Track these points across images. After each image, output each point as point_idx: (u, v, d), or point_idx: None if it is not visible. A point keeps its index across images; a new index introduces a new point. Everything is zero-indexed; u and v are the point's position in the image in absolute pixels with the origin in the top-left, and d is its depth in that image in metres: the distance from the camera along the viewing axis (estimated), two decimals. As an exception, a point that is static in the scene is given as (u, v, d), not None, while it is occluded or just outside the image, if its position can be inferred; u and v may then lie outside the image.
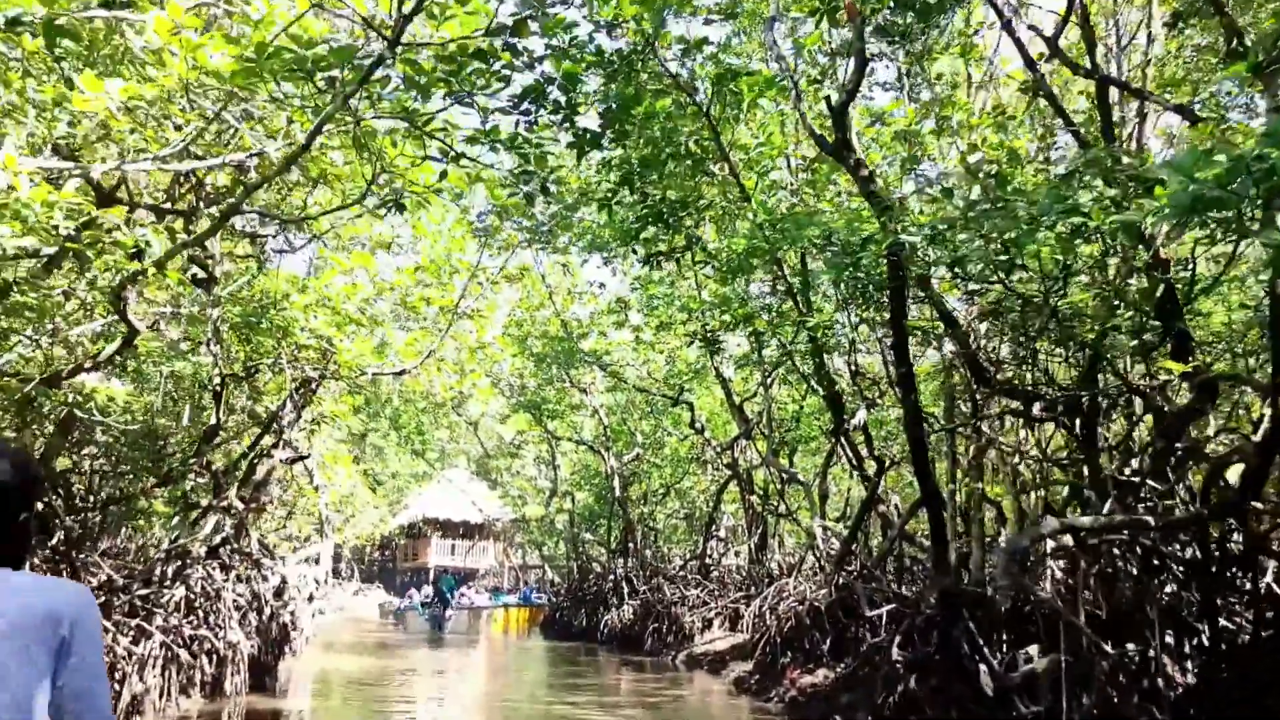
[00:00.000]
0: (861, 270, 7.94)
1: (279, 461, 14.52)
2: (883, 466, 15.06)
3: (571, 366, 25.45)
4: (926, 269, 7.71)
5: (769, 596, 20.78)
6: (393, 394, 26.89)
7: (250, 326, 12.73)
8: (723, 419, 28.71)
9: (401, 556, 52.61)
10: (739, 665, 18.51)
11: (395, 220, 13.68)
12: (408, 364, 14.85)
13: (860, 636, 14.37)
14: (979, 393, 10.61)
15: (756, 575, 24.08)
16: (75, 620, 2.03)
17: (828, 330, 12.53)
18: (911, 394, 9.23)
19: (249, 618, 14.32)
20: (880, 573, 16.50)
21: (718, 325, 12.69)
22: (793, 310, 13.46)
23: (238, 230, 12.04)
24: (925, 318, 11.27)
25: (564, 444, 33.88)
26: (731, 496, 32.64)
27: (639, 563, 28.99)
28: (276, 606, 16.14)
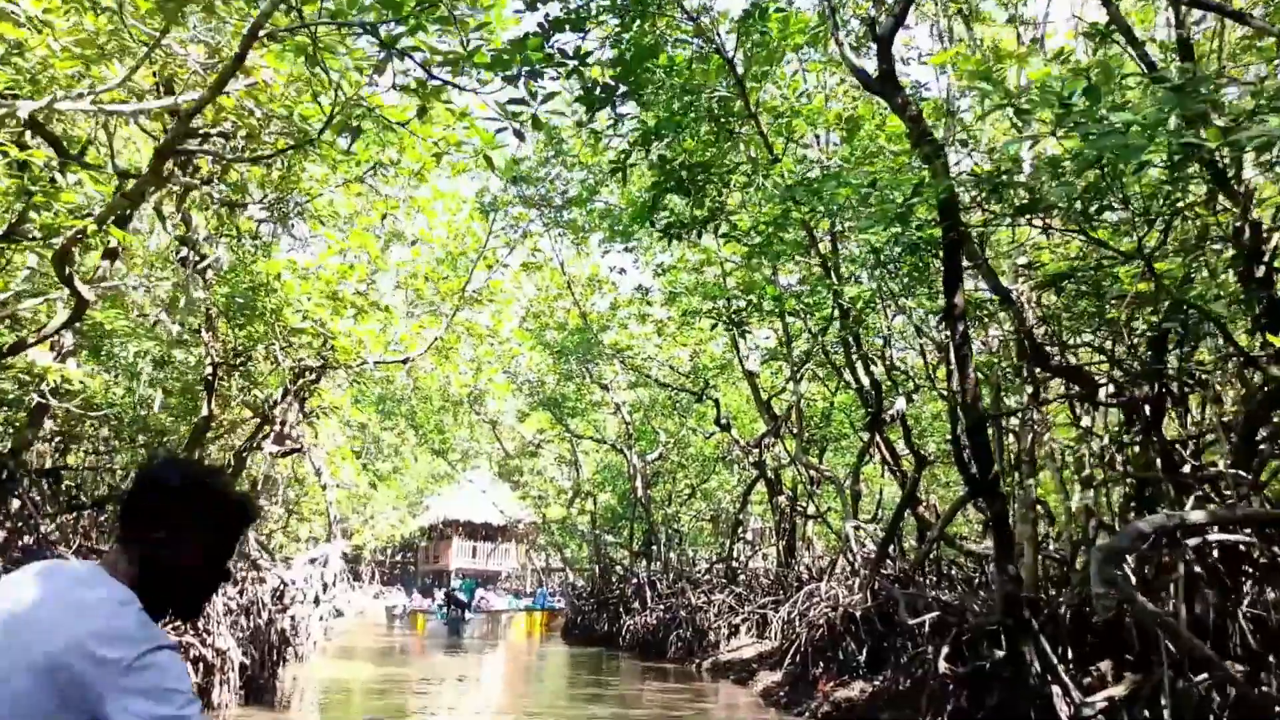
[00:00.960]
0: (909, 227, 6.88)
1: (268, 454, 13.57)
2: (922, 462, 13.94)
3: (591, 361, 24.43)
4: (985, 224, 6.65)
5: (799, 602, 19.71)
6: (407, 389, 25.99)
7: (239, 309, 11.84)
8: (749, 416, 27.65)
9: (423, 559, 51.80)
10: (767, 675, 17.42)
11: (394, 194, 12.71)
12: (412, 352, 13.89)
13: (900, 647, 13.26)
14: (1036, 375, 9.47)
15: (785, 579, 22.98)
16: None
17: (867, 307, 11.40)
18: (967, 368, 8.07)
19: (241, 623, 13.34)
20: (920, 577, 15.39)
21: (744, 307, 11.60)
22: (825, 289, 12.37)
23: (215, 200, 11.08)
24: (971, 294, 10.18)
25: (585, 443, 32.90)
26: (759, 497, 31.53)
27: (663, 566, 27.94)
28: (275, 611, 15.20)
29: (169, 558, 1.94)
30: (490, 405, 28.64)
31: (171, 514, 1.95)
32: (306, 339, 12.06)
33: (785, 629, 19.81)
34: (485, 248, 13.91)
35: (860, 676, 13.11)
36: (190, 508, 1.96)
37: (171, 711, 1.73)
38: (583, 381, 25.99)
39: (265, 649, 14.40)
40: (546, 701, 16.98)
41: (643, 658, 24.14)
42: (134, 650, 1.74)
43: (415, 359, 13.77)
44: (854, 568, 17.32)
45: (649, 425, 29.16)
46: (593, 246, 22.97)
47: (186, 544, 1.96)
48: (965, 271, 9.56)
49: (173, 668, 1.81)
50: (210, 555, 2.02)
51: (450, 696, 17.23)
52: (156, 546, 1.93)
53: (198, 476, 2.04)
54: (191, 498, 1.97)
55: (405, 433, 31.00)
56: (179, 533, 1.94)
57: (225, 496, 2.05)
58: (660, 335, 22.29)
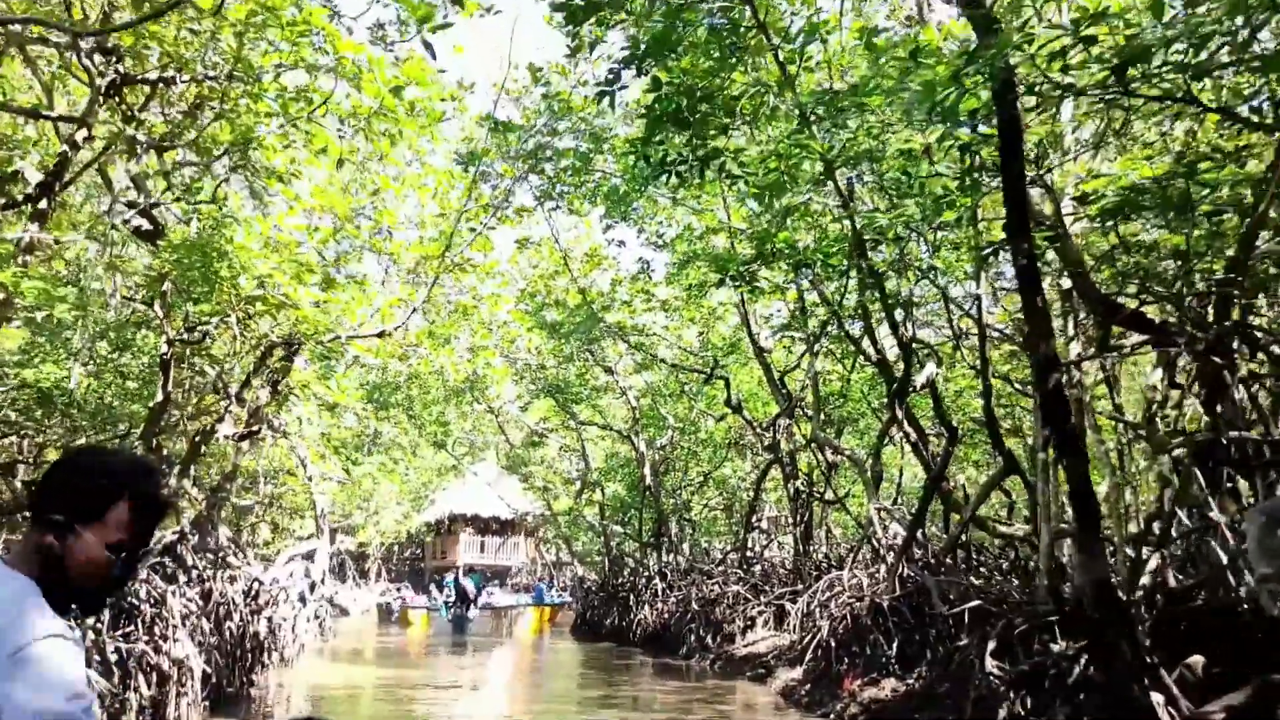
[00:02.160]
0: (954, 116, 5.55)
1: (224, 437, 12.29)
2: (954, 435, 12.59)
3: (593, 341, 23.11)
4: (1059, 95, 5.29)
5: (818, 592, 18.42)
6: (400, 376, 24.72)
7: (191, 277, 10.58)
8: (761, 399, 26.33)
9: (430, 555, 50.63)
10: (786, 672, 16.13)
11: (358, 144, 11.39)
12: (389, 324, 12.60)
13: (933, 640, 11.96)
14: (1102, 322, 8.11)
15: (803, 569, 21.70)
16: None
17: (896, 239, 10.01)
18: (1035, 295, 6.64)
19: (203, 627, 12.08)
20: (950, 563, 14.07)
21: (755, 258, 10.26)
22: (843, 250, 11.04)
23: (142, 144, 9.82)
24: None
25: (591, 431, 31.62)
26: (773, 483, 30.22)
27: (674, 557, 26.64)
28: (248, 612, 13.97)
29: (65, 549, 1.89)
30: (492, 394, 27.30)
31: (72, 503, 1.90)
32: (265, 309, 10.78)
33: (804, 621, 18.51)
34: (467, 204, 12.56)
35: (890, 674, 11.79)
36: (90, 497, 1.91)
37: (53, 705, 1.66)
38: (585, 364, 24.65)
39: (236, 654, 13.16)
40: (552, 707, 15.70)
41: (654, 654, 22.87)
42: (21, 640, 1.70)
43: (392, 332, 12.47)
44: (878, 554, 16.02)
45: (656, 410, 27.87)
46: (592, 221, 21.64)
47: (85, 534, 1.90)
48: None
49: (57, 659, 1.73)
50: (113, 548, 1.93)
51: (447, 703, 15.96)
52: (58, 536, 1.89)
53: (101, 465, 1.99)
54: (90, 486, 1.92)
55: (402, 423, 29.69)
56: (77, 522, 1.90)
57: (129, 486, 1.96)
58: (665, 311, 20.93)
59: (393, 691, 16.04)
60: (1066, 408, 6.92)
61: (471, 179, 12.65)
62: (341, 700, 14.85)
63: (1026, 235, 6.33)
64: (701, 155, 8.72)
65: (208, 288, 10.83)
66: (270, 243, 11.30)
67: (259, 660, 14.38)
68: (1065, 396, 6.95)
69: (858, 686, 11.96)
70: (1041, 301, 6.59)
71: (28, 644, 1.69)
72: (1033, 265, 6.56)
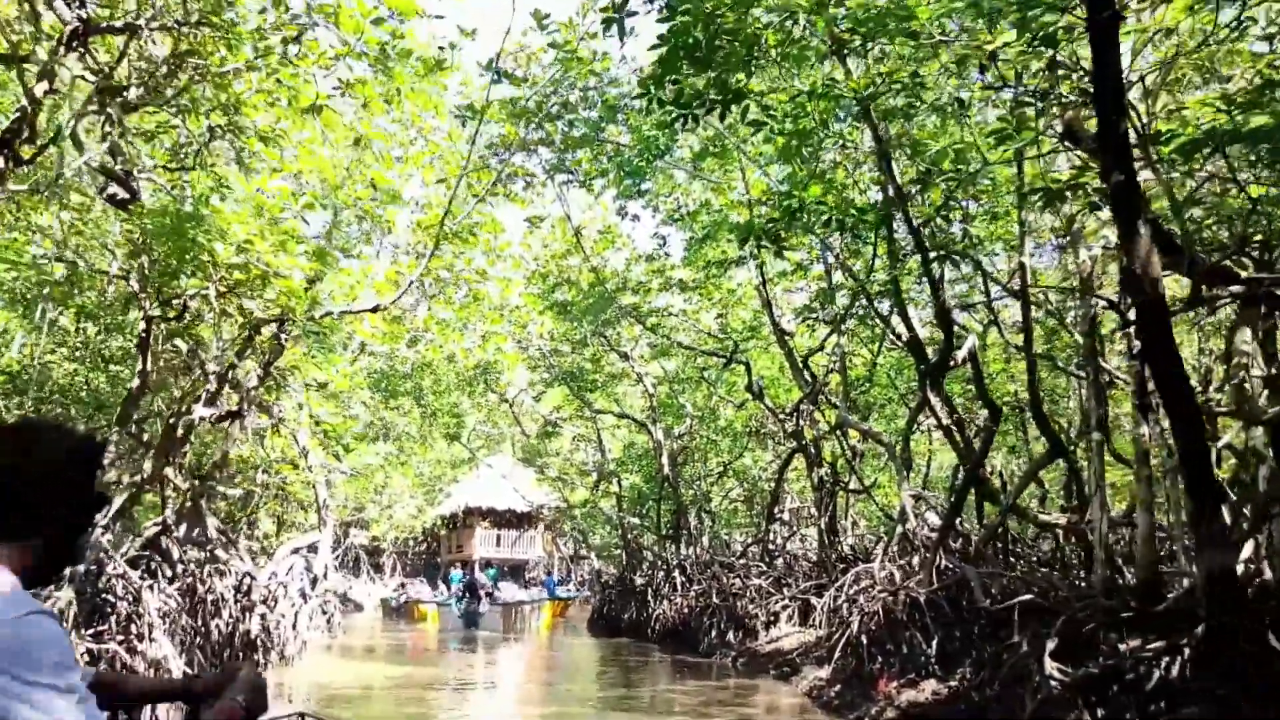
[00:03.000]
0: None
1: (199, 419, 11.37)
2: (997, 414, 11.57)
3: (608, 324, 22.15)
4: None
5: (845, 586, 17.46)
6: (406, 363, 23.85)
7: (163, 242, 9.70)
8: (783, 385, 25.30)
9: (445, 549, 49.81)
10: (813, 671, 15.17)
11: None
12: (383, 299, 11.68)
13: (976, 638, 10.97)
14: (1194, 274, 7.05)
15: (828, 561, 20.69)
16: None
17: (949, 178, 8.99)
18: (1136, 216, 5.54)
19: (185, 624, 11.21)
20: (990, 554, 13.07)
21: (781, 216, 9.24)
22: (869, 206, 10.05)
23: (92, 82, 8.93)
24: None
25: (607, 421, 30.69)
26: (796, 473, 29.21)
27: (693, 549, 25.68)
28: (240, 609, 13.11)
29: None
30: (503, 380, 26.40)
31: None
32: (247, 280, 9.88)
33: (832, 617, 17.57)
34: (467, 166, 11.55)
35: (930, 674, 10.80)
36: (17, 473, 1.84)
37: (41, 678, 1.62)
38: (600, 348, 23.68)
39: (224, 654, 12.29)
40: (567, 710, 14.75)
41: (673, 650, 21.94)
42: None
43: (388, 306, 11.55)
44: (911, 545, 15.03)
45: (674, 399, 26.90)
46: (606, 202, 20.62)
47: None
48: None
49: (37, 632, 1.68)
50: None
51: (454, 705, 15.07)
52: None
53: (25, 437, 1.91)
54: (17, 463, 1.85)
55: (411, 411, 28.83)
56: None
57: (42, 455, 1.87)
58: (683, 291, 19.94)
59: (397, 693, 15.14)
60: (1176, 362, 5.84)
61: (472, 135, 11.64)
62: (343, 701, 13.96)
63: (1123, 148, 5.31)
64: (722, 97, 7.74)
65: (183, 256, 9.96)
66: (254, 209, 10.42)
67: (252, 661, 13.51)
68: (1174, 347, 5.87)
69: (894, 688, 10.99)
70: (1144, 229, 5.55)
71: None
72: (1131, 185, 5.53)
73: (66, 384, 13.93)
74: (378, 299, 11.69)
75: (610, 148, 16.84)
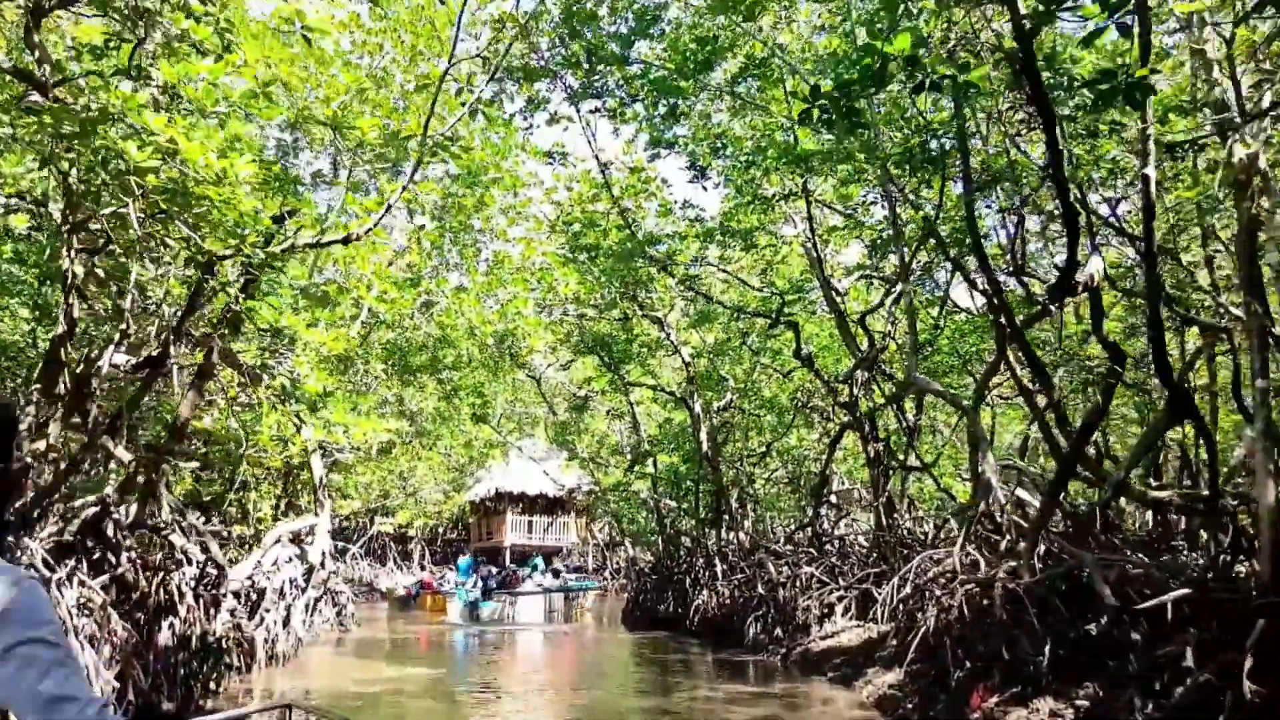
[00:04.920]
0: None
1: (110, 365, 9.26)
2: (1121, 358, 9.18)
3: (639, 284, 19.92)
4: None
5: (911, 574, 15.22)
6: (416, 330, 21.78)
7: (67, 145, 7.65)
8: (832, 354, 23.00)
9: (476, 536, 47.99)
10: (880, 675, 12.92)
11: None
12: (357, 229, 9.54)
13: (1102, 643, 8.66)
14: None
15: (888, 546, 18.40)
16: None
17: None
18: None
19: (119, 628, 9.13)
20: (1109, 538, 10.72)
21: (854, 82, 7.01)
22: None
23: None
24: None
25: (642, 396, 28.50)
26: (844, 453, 26.88)
27: (735, 535, 23.44)
28: (203, 607, 11.06)
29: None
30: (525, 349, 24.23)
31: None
32: (172, 194, 7.78)
33: (897, 610, 15.33)
34: (453, 60, 9.29)
35: (1044, 689, 8.49)
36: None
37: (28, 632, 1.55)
38: (630, 310, 21.43)
39: (173, 663, 10.23)
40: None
41: (714, 646, 19.77)
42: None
43: (361, 236, 9.40)
44: (997, 526, 12.72)
45: (714, 370, 24.65)
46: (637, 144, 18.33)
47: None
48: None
49: (44, 594, 1.65)
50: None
51: (464, 716, 12.97)
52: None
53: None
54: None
55: (428, 387, 26.75)
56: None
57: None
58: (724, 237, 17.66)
59: (398, 701, 13.03)
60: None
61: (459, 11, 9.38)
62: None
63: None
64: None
65: (95, 168, 7.89)
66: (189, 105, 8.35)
67: (218, 666, 11.48)
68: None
69: (995, 704, 8.72)
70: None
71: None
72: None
73: (8, 341, 11.98)
74: (359, 219, 9.56)
75: (643, 68, 14.69)
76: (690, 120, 17.34)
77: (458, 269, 23.64)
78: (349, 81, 9.15)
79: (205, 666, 11.10)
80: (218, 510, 17.23)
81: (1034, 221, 17.17)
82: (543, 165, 15.52)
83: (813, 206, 18.05)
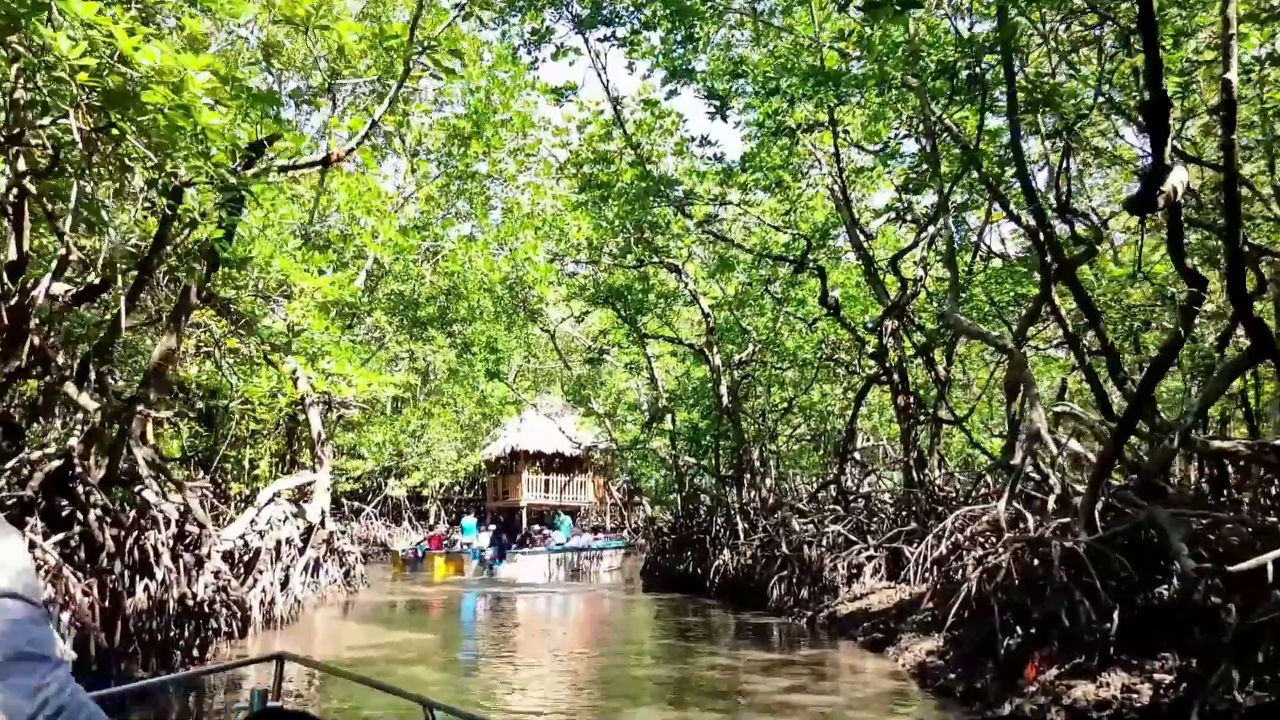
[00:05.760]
0: None
1: (45, 294, 8.28)
2: (1202, 283, 8.05)
3: (654, 227, 18.86)
4: None
5: (947, 532, 14.29)
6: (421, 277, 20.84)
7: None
8: (858, 304, 21.89)
9: (491, 495, 47.27)
10: (916, 641, 11.98)
11: None
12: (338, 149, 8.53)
13: (1177, 610, 7.66)
14: None
15: (919, 503, 17.44)
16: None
17: None
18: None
19: (72, 589, 8.24)
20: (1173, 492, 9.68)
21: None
22: None
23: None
24: None
25: (660, 348, 27.52)
26: (871, 407, 25.87)
27: (756, 494, 22.51)
28: (183, 567, 10.20)
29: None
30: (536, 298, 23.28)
31: None
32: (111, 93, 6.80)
33: (929, 570, 14.40)
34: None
35: (1111, 660, 7.50)
36: None
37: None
38: (645, 254, 20.37)
39: (150, 628, 9.38)
40: (613, 692, 11.63)
41: (736, 607, 18.91)
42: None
43: (342, 156, 8.40)
44: (1043, 481, 11.72)
45: (735, 322, 23.60)
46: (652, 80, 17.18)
47: None
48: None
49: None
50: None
51: (459, 684, 12.12)
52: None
53: None
54: None
55: (438, 340, 25.83)
56: None
57: None
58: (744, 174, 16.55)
59: (389, 668, 12.18)
60: None
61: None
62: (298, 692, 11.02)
63: None
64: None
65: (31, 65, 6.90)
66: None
67: (204, 631, 10.65)
68: None
69: (1054, 678, 7.75)
70: None
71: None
72: None
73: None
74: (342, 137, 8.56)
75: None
76: (709, 55, 16.25)
77: (467, 218, 22.68)
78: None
79: (187, 631, 10.26)
80: (207, 468, 16.40)
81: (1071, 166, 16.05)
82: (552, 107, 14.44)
83: (839, 144, 16.96)
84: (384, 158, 25.16)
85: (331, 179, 19.20)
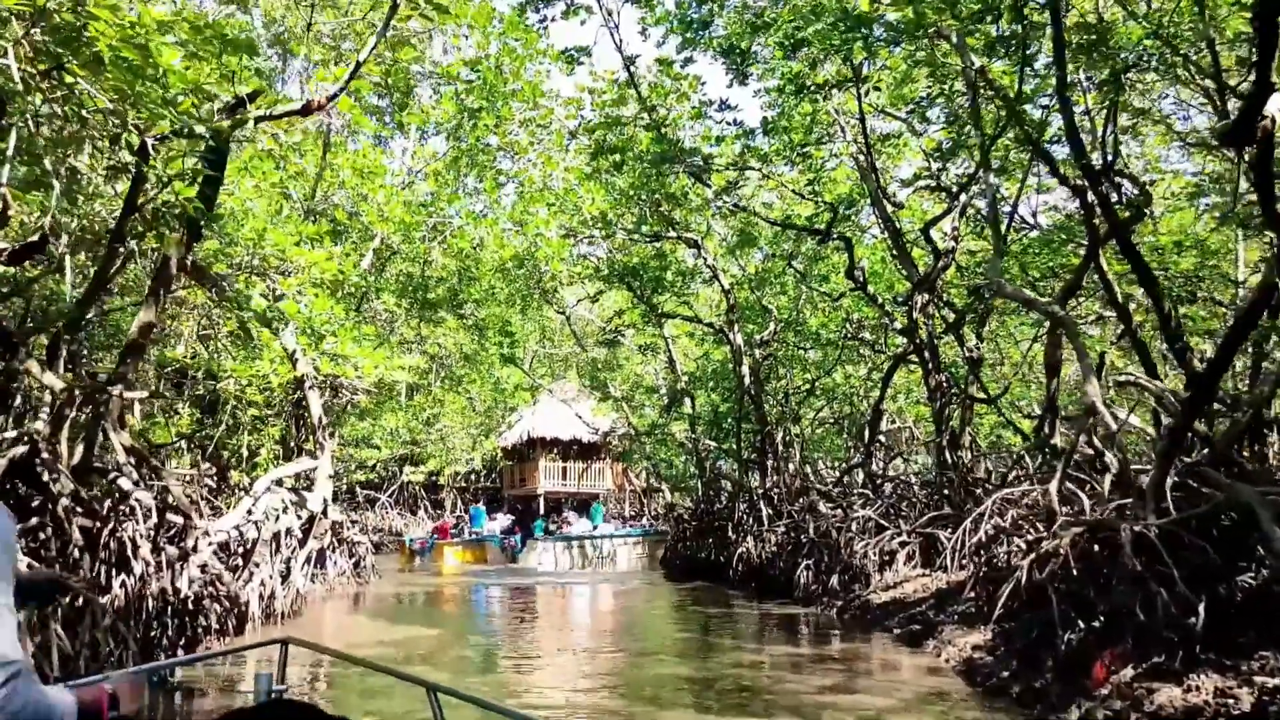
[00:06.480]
0: None
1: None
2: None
3: (671, 198, 17.95)
4: None
5: (986, 515, 13.42)
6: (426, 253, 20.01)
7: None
8: (884, 280, 20.97)
9: (508, 483, 46.54)
10: (958, 633, 11.12)
11: None
12: (318, 96, 7.69)
13: (1265, 597, 6.77)
14: None
15: (955, 486, 16.52)
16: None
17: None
18: None
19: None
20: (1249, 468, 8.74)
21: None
22: None
23: None
24: None
25: (678, 329, 26.63)
26: (896, 389, 24.86)
27: (780, 479, 21.63)
28: (167, 561, 9.42)
29: None
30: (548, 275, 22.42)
31: None
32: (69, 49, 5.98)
33: (967, 558, 13.53)
34: None
35: (1200, 660, 6.60)
36: None
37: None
38: (662, 227, 19.47)
39: (126, 626, 8.60)
40: (632, 693, 10.77)
41: (760, 597, 18.10)
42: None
43: (323, 103, 7.56)
44: (1096, 460, 10.79)
45: (757, 300, 22.69)
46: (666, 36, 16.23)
47: None
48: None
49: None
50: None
51: (466, 687, 11.32)
52: None
53: None
54: None
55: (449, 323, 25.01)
56: None
57: None
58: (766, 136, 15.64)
59: (395, 665, 11.36)
60: None
61: None
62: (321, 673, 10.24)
63: None
64: None
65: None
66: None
67: (190, 629, 9.87)
68: None
69: (1129, 680, 6.85)
70: None
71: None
72: None
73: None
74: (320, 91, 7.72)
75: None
76: (725, 18, 15.36)
77: (476, 194, 21.87)
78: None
79: (171, 629, 9.49)
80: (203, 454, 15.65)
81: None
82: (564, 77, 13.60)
83: (865, 108, 16.02)
84: (391, 136, 24.37)
85: (335, 156, 18.42)
